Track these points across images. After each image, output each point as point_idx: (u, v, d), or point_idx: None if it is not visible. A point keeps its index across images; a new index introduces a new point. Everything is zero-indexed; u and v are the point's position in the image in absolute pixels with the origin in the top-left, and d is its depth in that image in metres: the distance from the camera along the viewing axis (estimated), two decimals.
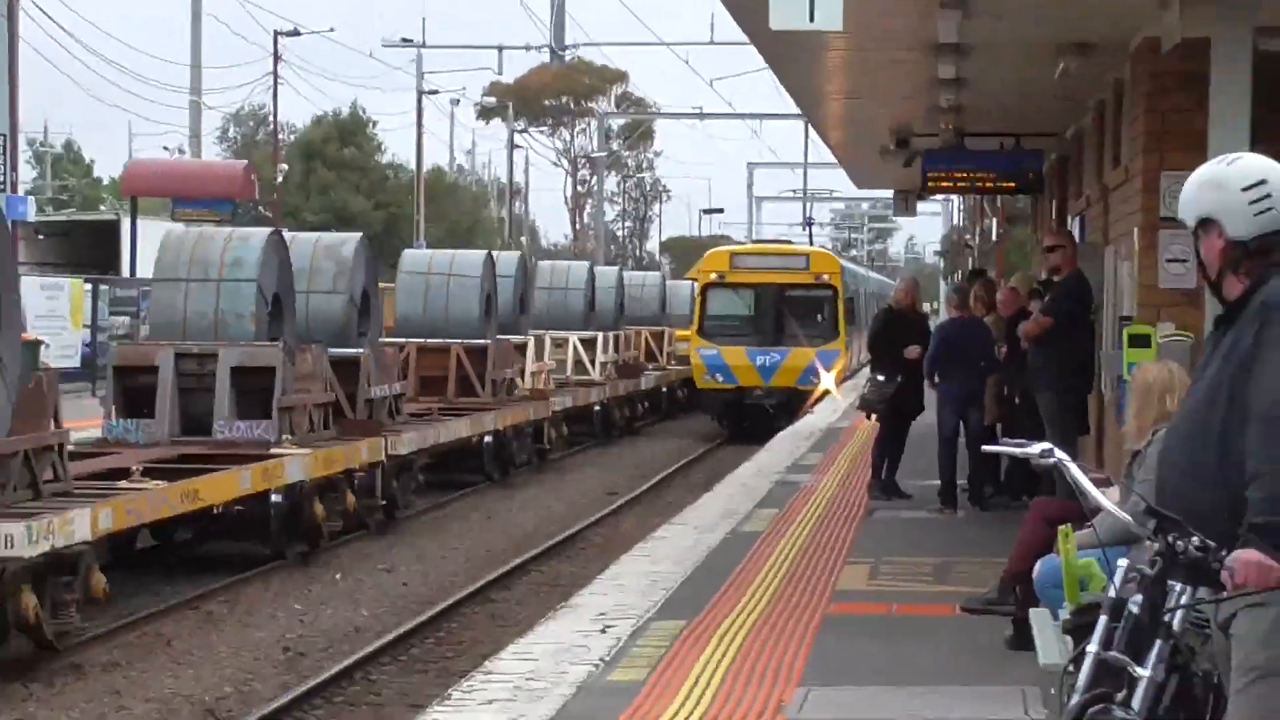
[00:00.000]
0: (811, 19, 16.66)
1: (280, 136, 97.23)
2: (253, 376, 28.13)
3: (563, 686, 15.18)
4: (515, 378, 43.58)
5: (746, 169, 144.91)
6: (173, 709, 19.34)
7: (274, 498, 26.22)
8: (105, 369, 32.50)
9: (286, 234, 34.64)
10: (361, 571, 29.16)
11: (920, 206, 57.62)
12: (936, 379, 26.91)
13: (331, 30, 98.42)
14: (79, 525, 21.85)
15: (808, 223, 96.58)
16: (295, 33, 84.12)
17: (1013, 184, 35.89)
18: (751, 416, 49.02)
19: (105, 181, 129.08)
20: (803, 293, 51.23)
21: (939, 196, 53.57)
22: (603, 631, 17.77)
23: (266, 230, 32.27)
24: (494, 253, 45.63)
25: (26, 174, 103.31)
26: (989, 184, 37.14)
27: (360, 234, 36.87)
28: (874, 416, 29.38)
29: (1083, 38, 21.63)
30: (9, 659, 21.20)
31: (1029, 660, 12.93)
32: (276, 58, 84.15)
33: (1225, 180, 8.72)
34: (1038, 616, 12.87)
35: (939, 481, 26.90)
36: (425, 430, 35.27)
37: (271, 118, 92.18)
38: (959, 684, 13.54)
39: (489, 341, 40.41)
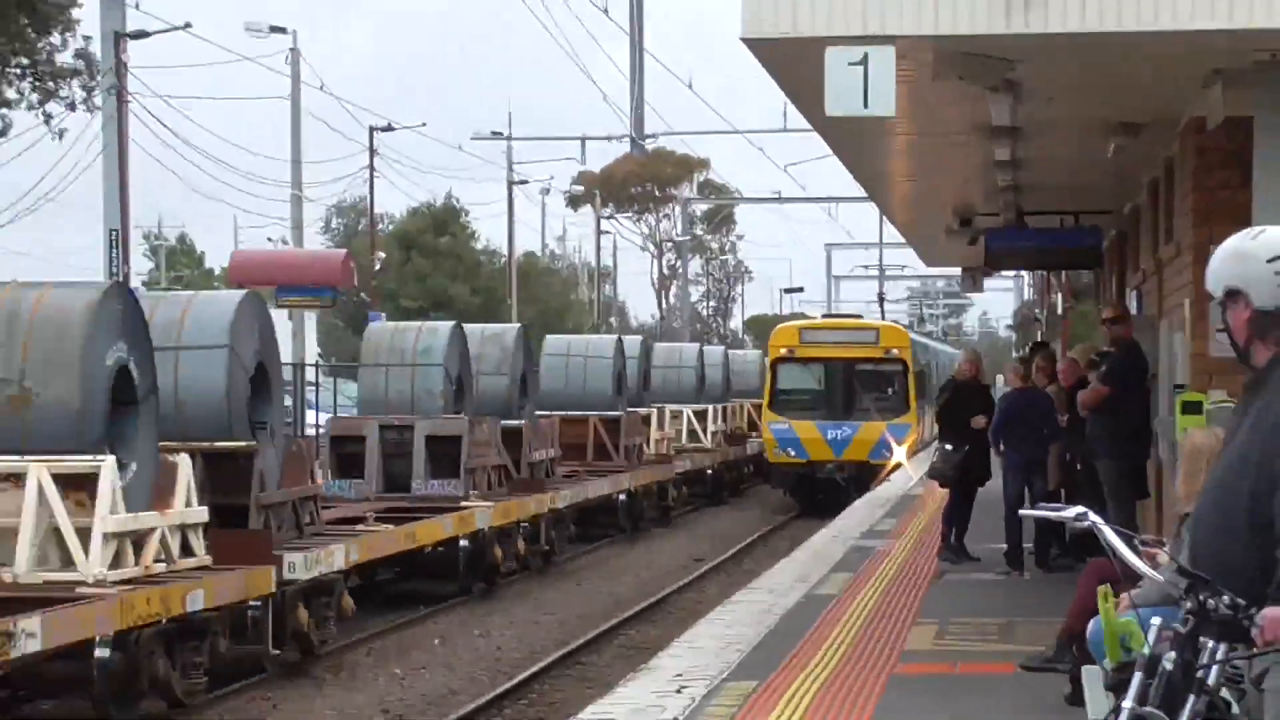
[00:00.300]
0: (866, 105, 16.68)
1: (379, 226, 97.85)
2: (441, 444, 32.00)
3: None
4: (642, 444, 45.43)
5: (825, 249, 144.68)
6: None
7: (462, 542, 29.97)
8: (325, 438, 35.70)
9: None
10: (459, 637, 29.48)
11: (992, 282, 57.39)
12: (1002, 446, 26.92)
13: (423, 125, 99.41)
14: (337, 556, 27.11)
15: (880, 299, 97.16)
16: (389, 128, 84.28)
17: (1074, 260, 35.94)
18: (823, 490, 46.59)
19: (216, 271, 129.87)
20: (873, 366, 49.03)
21: (1007, 273, 52.86)
22: (678, 692, 17.79)
23: (450, 324, 35.46)
24: (622, 337, 48.43)
25: (143, 265, 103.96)
26: (1051, 260, 37.22)
27: (519, 325, 41.46)
28: (943, 484, 29.46)
29: (1132, 118, 21.63)
30: None
31: (1085, 716, 12.90)
32: (372, 152, 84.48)
33: (1250, 253, 8.76)
34: (1089, 674, 12.86)
35: (1005, 545, 26.82)
36: (577, 488, 38.46)
37: (370, 211, 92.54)
38: None
39: (620, 414, 42.86)
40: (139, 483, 22.50)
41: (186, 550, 23.35)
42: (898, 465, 42.63)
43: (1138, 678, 8.57)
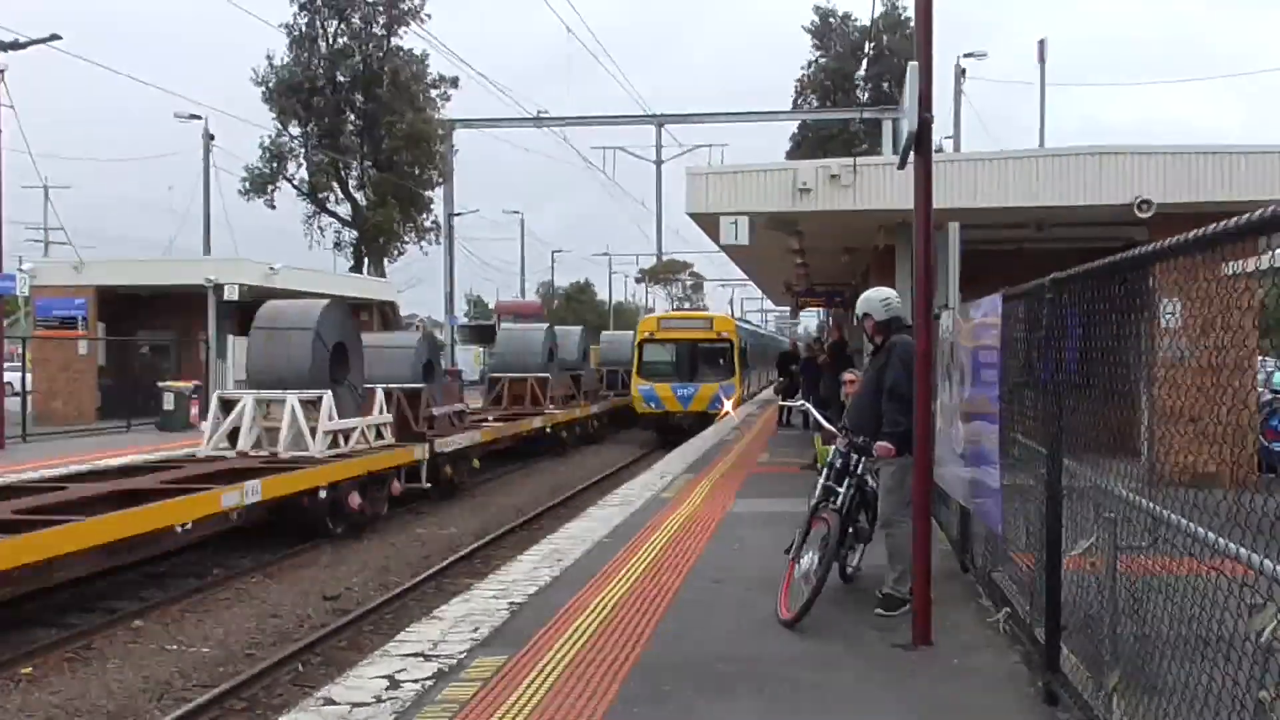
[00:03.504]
0: (736, 239, 16.61)
1: (558, 290, 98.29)
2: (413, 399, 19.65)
3: (642, 499, 15.09)
4: (571, 395, 32.39)
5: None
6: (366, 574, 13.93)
7: (547, 429, 22.64)
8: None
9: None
10: (551, 468, 26.60)
11: (807, 312, 55.26)
12: (801, 378, 26.46)
13: (573, 249, 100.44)
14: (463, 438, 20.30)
15: (734, 310, 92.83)
16: (559, 250, 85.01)
17: (835, 303, 35.40)
18: (675, 430, 31.21)
19: (491, 309, 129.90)
20: (709, 345, 33.59)
21: (810, 310, 51.21)
22: (661, 478, 17.51)
23: (418, 334, 24.59)
24: (555, 327, 34.29)
25: (463, 306, 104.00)
26: (826, 304, 36.71)
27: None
28: (780, 396, 28.68)
29: (851, 245, 21.33)
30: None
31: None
32: (553, 264, 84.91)
33: (873, 298, 8.81)
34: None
35: (801, 419, 26.39)
36: (508, 426, 24.66)
37: (552, 285, 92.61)
38: (794, 498, 13.31)
39: (549, 375, 30.19)
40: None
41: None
42: (726, 413, 30.73)
43: (825, 471, 8.62)
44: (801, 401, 11.08)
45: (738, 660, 7.09)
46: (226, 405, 16.88)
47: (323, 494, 15.26)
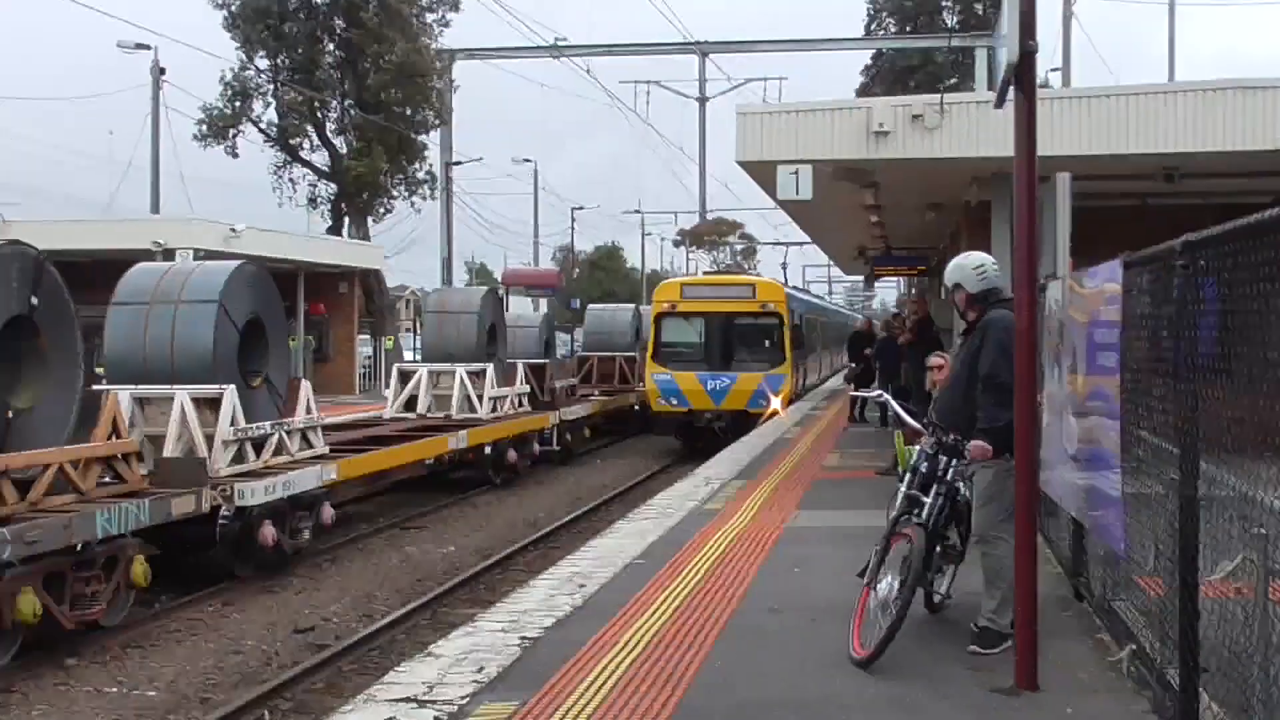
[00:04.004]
0: (797, 194, 16.62)
1: (579, 256, 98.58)
2: (540, 372, 26.64)
3: (682, 510, 15.11)
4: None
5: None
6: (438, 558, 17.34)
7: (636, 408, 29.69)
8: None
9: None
10: (549, 480, 28.21)
11: (883, 281, 55.12)
12: (877, 364, 26.35)
13: (598, 206, 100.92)
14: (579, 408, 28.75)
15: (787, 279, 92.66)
16: (581, 208, 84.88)
17: (915, 272, 35.40)
18: (703, 435, 28.00)
19: (499, 279, 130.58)
20: (750, 320, 29.36)
21: (887, 279, 51.00)
22: (705, 484, 17.58)
23: (543, 312, 32.01)
24: (639, 308, 37.68)
25: (463, 276, 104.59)
26: (905, 272, 36.70)
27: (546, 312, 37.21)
28: (852, 385, 28.40)
29: (936, 200, 21.33)
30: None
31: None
32: (573, 223, 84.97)
33: (964, 265, 8.83)
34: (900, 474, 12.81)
35: (877, 413, 26.33)
36: (610, 400, 31.94)
37: (572, 250, 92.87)
38: (869, 509, 13.28)
39: (635, 354, 33.83)
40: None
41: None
42: (774, 412, 27.34)
43: (908, 477, 8.64)
44: (878, 391, 11.09)
45: (800, 706, 7.09)
46: (404, 376, 22.92)
47: (487, 450, 22.00)
